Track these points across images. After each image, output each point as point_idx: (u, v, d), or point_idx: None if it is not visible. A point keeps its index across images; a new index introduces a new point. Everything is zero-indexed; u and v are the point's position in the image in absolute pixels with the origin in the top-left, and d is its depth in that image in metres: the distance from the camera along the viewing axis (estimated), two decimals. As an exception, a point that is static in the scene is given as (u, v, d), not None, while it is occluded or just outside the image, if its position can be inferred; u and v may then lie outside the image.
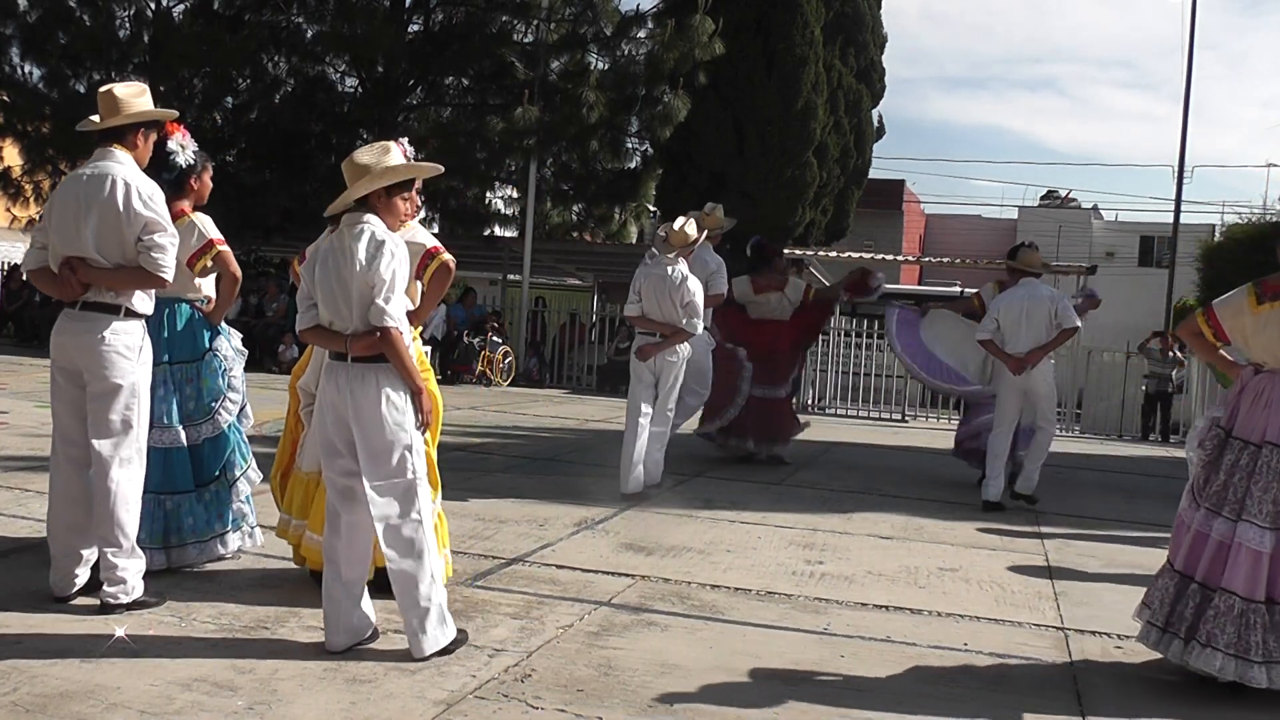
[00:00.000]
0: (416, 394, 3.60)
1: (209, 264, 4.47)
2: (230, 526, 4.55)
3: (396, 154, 3.68)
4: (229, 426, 4.58)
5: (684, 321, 6.74)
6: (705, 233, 7.36)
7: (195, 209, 4.56)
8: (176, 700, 3.10)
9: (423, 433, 3.66)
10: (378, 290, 3.50)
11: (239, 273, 4.63)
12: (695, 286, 6.78)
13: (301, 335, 3.72)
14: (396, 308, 3.53)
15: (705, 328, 7.68)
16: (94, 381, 3.81)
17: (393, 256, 3.54)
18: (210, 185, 4.66)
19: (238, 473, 4.57)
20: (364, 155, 3.65)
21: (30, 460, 6.36)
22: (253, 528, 4.69)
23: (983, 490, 7.28)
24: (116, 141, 3.90)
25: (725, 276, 8.04)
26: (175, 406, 4.43)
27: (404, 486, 3.57)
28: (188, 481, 4.42)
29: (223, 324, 4.68)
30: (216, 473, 4.52)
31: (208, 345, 4.54)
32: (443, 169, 3.96)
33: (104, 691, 3.12)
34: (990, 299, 8.29)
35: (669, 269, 6.74)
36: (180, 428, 4.42)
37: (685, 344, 6.89)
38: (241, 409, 4.69)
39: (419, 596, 3.55)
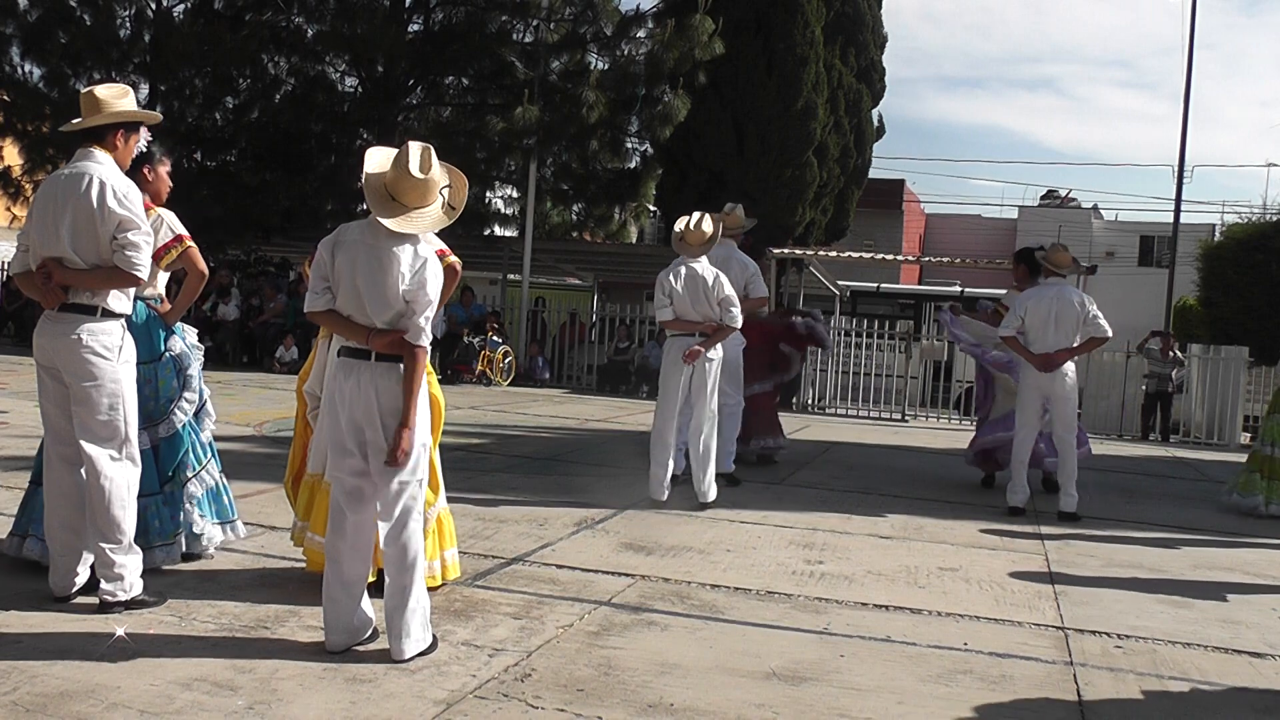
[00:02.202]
0: (402, 427, 3.48)
1: (175, 259, 4.44)
2: (183, 528, 4.52)
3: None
4: (183, 427, 4.54)
5: (723, 316, 6.59)
6: (723, 232, 7.18)
7: (165, 204, 4.53)
8: (177, 700, 3.10)
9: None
10: (419, 307, 3.50)
11: (205, 269, 4.58)
12: (727, 280, 6.68)
13: (311, 316, 3.67)
14: (429, 327, 3.56)
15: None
16: (74, 382, 3.82)
17: (436, 276, 3.56)
18: (169, 182, 4.59)
19: (189, 474, 4.53)
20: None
21: (30, 460, 6.34)
22: (229, 522, 4.69)
23: (1008, 495, 7.18)
24: (96, 142, 3.91)
25: (763, 279, 7.87)
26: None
27: (413, 487, 3.58)
28: (153, 483, 4.38)
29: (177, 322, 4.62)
30: (170, 474, 4.50)
31: (163, 347, 4.51)
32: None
33: (104, 691, 3.12)
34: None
35: (698, 267, 6.61)
36: (143, 430, 4.36)
37: (719, 346, 6.71)
38: (200, 408, 4.64)
39: (412, 598, 3.55)
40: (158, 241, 4.36)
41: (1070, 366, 7.13)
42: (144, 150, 4.40)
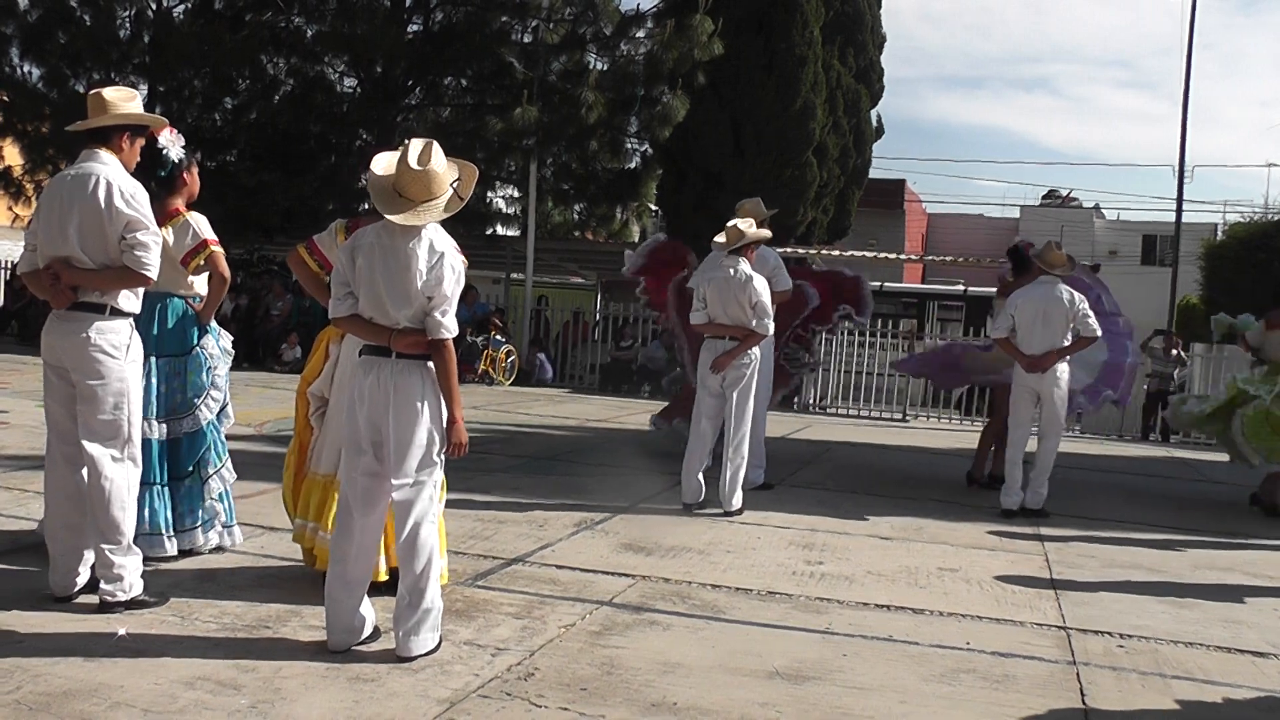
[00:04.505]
0: (451, 421, 3.59)
1: (201, 263, 4.56)
2: (200, 523, 4.61)
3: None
4: (207, 424, 4.65)
5: (754, 323, 6.39)
6: (765, 230, 7.11)
7: (188, 206, 4.63)
8: (180, 699, 3.11)
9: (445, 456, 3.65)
10: (438, 303, 3.52)
11: (228, 274, 4.71)
12: (762, 285, 6.43)
13: (335, 323, 3.72)
14: (452, 321, 3.57)
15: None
16: (81, 381, 3.83)
17: (454, 270, 3.56)
18: (199, 181, 4.72)
19: (211, 470, 4.64)
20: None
21: (31, 459, 6.35)
22: (228, 526, 4.77)
23: (1002, 497, 7.12)
24: (102, 143, 3.92)
25: (786, 271, 7.76)
26: (155, 399, 4.50)
27: (429, 486, 3.58)
28: (151, 474, 4.46)
29: (213, 324, 4.76)
30: (190, 468, 4.60)
31: (195, 342, 4.63)
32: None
33: (107, 690, 3.13)
34: None
35: (731, 269, 6.40)
36: (155, 421, 4.50)
37: (756, 349, 6.54)
38: (223, 408, 4.76)
39: (426, 599, 3.55)
40: (185, 245, 4.45)
41: (1062, 367, 7.02)
42: (182, 156, 4.56)
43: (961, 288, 21.93)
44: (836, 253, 17.86)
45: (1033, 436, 7.29)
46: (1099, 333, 7.12)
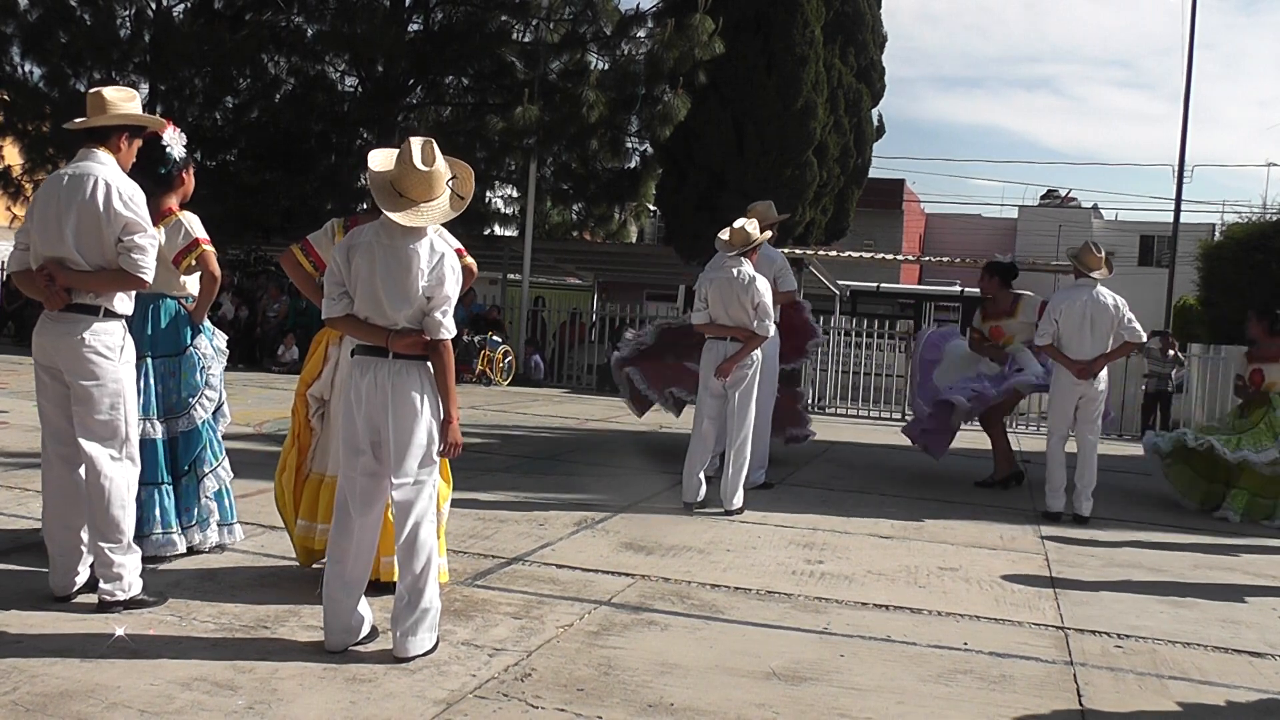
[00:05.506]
0: (447, 421, 3.59)
1: (193, 263, 4.56)
2: (197, 521, 4.63)
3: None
4: (203, 423, 4.66)
5: (755, 324, 6.39)
6: (768, 232, 7.01)
7: (182, 206, 4.64)
8: (177, 699, 3.10)
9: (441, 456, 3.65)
10: (438, 303, 3.52)
11: (218, 273, 4.70)
12: (764, 286, 6.42)
13: (330, 323, 3.70)
14: (451, 321, 3.57)
15: (776, 322, 7.62)
16: (76, 382, 3.82)
17: (454, 271, 3.57)
18: (193, 182, 4.72)
19: (207, 469, 4.65)
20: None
21: (31, 459, 6.36)
22: (228, 524, 4.78)
23: (1048, 499, 7.07)
24: (100, 143, 3.91)
25: (792, 273, 7.73)
26: (154, 399, 4.51)
27: (428, 486, 3.58)
28: (158, 473, 4.49)
29: (206, 323, 4.77)
30: (186, 467, 4.61)
31: (189, 342, 4.64)
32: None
33: (104, 691, 3.13)
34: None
35: (734, 270, 6.40)
36: (157, 420, 4.52)
37: (758, 351, 6.51)
38: (218, 408, 4.78)
39: (424, 599, 3.55)
40: (177, 245, 4.45)
41: (1104, 369, 7.07)
42: (183, 155, 4.57)
43: (958, 288, 21.94)
44: (834, 253, 17.85)
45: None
46: (1144, 337, 7.17)
